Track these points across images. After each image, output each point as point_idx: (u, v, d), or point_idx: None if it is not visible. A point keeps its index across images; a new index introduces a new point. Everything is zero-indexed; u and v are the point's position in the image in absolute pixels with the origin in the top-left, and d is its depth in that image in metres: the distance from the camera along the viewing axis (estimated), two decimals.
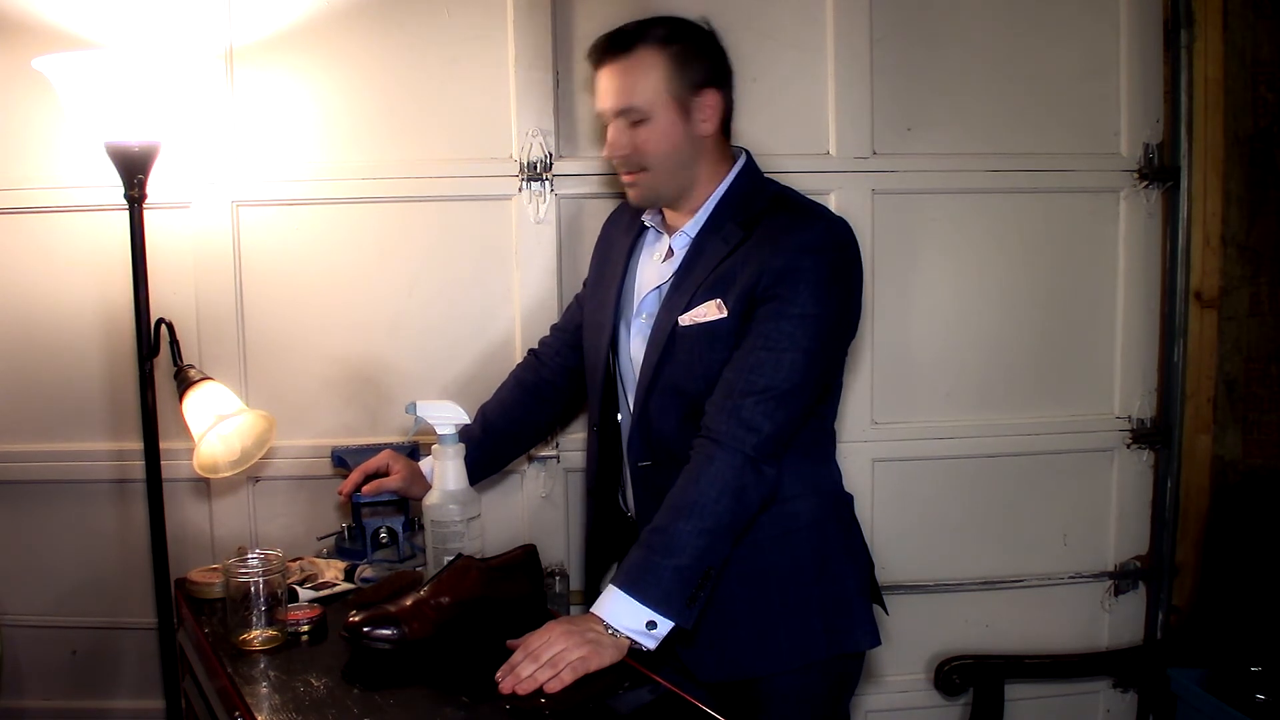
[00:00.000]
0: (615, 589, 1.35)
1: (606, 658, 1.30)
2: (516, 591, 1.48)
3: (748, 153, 1.60)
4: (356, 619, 1.36)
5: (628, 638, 1.33)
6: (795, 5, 2.05)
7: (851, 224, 1.52)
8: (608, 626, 1.33)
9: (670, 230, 1.59)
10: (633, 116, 1.49)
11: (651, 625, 1.33)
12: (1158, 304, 2.18)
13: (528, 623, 1.40)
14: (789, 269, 1.42)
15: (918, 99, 2.09)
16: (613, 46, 1.49)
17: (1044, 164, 2.12)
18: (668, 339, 1.50)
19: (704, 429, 1.43)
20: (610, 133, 1.52)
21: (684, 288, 1.50)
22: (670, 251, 1.58)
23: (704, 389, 1.47)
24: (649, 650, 1.34)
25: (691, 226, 1.55)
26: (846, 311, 1.50)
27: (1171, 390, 2.18)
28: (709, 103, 1.51)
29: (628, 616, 1.33)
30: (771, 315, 1.42)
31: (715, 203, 1.54)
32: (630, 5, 2.01)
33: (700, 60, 1.50)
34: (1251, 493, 2.19)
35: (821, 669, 1.53)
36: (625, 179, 1.55)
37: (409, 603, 1.38)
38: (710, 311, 1.46)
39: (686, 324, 1.48)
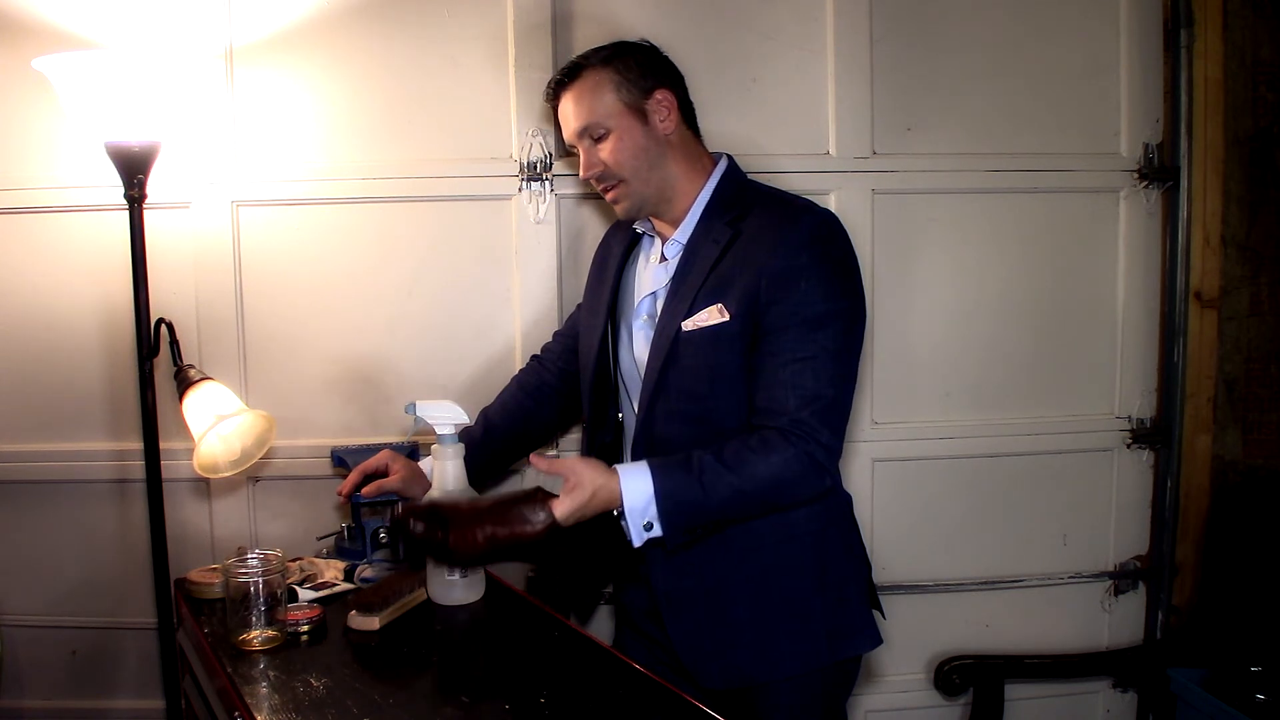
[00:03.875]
0: (650, 487, 1.39)
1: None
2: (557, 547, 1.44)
3: (729, 156, 1.62)
4: (407, 511, 1.36)
5: (624, 522, 1.40)
6: (795, 5, 2.05)
7: (852, 224, 1.53)
8: (619, 508, 1.39)
9: (663, 237, 1.61)
10: (595, 132, 1.56)
11: (649, 527, 1.40)
12: (1158, 304, 2.18)
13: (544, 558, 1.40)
14: (788, 269, 1.43)
15: (918, 99, 2.09)
16: (563, 78, 1.59)
17: (1044, 164, 2.12)
18: (671, 344, 1.51)
19: (786, 434, 1.42)
20: (581, 155, 1.60)
21: (682, 293, 1.52)
22: (664, 257, 1.60)
23: (708, 391, 1.49)
24: (629, 540, 1.41)
25: (682, 233, 1.57)
26: (856, 300, 1.51)
27: (1171, 390, 2.18)
28: (663, 102, 1.56)
29: (639, 511, 1.39)
30: (786, 323, 1.43)
31: (703, 206, 1.57)
32: (629, 3, 2.02)
33: (645, 66, 1.57)
34: (1251, 493, 2.19)
35: (822, 674, 1.54)
36: (608, 196, 1.61)
37: (466, 511, 1.36)
38: (713, 316, 1.48)
39: (690, 329, 1.49)
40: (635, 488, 1.39)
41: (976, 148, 2.11)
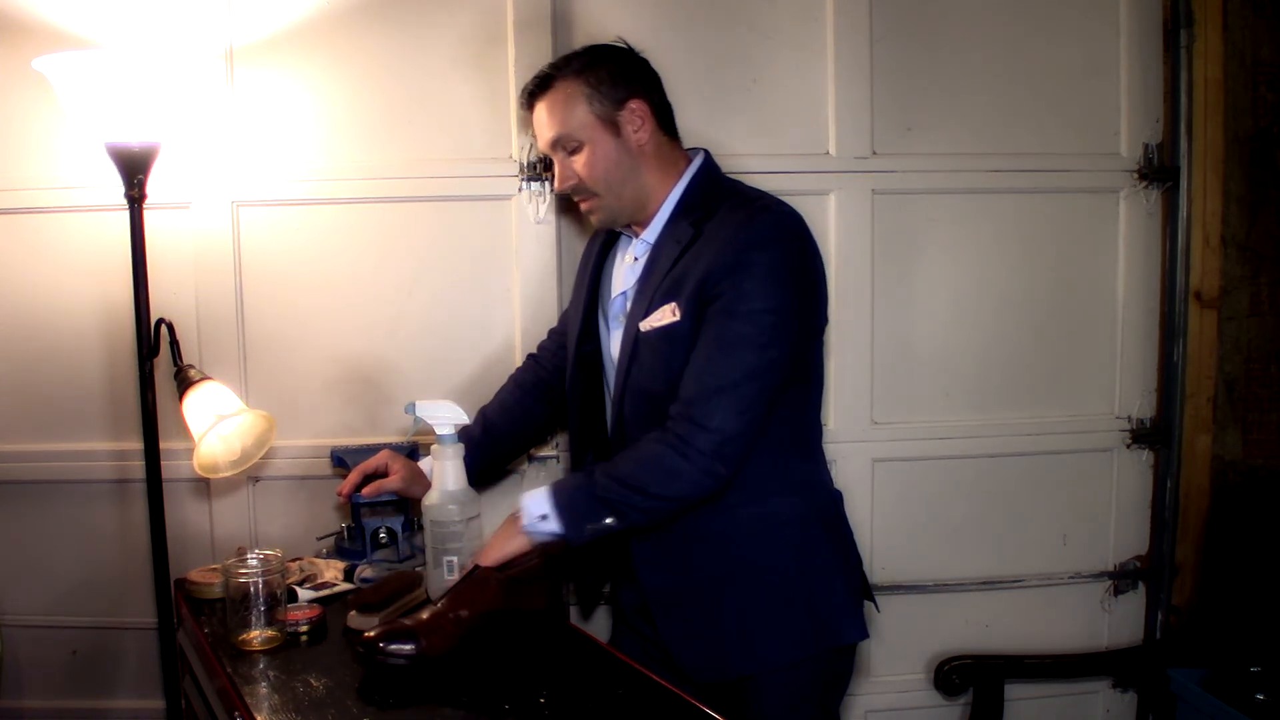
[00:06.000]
0: (545, 487, 1.48)
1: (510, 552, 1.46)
2: (536, 603, 1.46)
3: (706, 152, 1.62)
4: (372, 635, 1.31)
5: (529, 527, 1.45)
6: (795, 5, 2.05)
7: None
8: (521, 517, 1.45)
9: (637, 235, 1.61)
10: (568, 145, 1.56)
11: (544, 518, 1.44)
12: (1158, 304, 2.18)
13: (548, 634, 1.41)
14: (736, 265, 1.43)
15: (918, 99, 2.09)
16: (535, 88, 1.58)
17: (1044, 164, 2.12)
18: (633, 345, 1.53)
19: (666, 426, 1.44)
20: (556, 167, 1.59)
21: (645, 293, 1.53)
22: (635, 257, 1.61)
23: (666, 390, 1.49)
24: (534, 539, 1.45)
25: (650, 232, 1.58)
26: (807, 301, 1.50)
27: (1171, 390, 2.18)
28: (637, 112, 1.54)
29: (535, 504, 1.46)
30: (722, 313, 1.43)
31: (672, 207, 1.56)
32: (628, 2, 2.02)
33: (618, 75, 1.55)
34: (1251, 493, 2.19)
35: (811, 665, 1.54)
36: (583, 207, 1.61)
37: (426, 616, 1.35)
38: (666, 315, 1.48)
39: (647, 329, 1.50)
40: (534, 500, 1.46)
41: (976, 148, 2.11)
